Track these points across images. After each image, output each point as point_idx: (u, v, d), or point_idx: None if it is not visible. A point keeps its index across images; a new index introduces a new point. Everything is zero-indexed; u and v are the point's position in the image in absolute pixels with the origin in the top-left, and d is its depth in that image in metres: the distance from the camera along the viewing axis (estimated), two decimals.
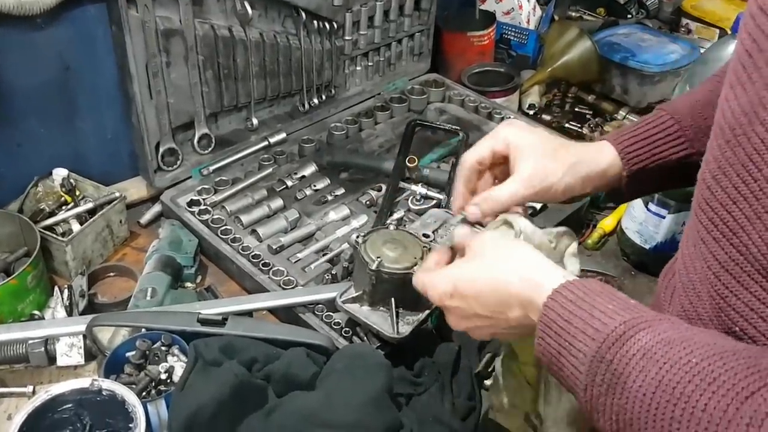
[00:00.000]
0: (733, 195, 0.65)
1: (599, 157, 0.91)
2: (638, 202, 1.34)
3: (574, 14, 2.19)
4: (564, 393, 0.86)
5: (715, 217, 0.68)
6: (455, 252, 0.88)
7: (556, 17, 2.09)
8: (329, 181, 1.49)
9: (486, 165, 0.93)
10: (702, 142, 0.91)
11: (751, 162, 0.63)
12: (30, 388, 1.09)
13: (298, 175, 1.50)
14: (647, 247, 1.36)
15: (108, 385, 0.91)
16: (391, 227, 1.17)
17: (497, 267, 0.76)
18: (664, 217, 1.31)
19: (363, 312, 1.12)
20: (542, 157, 0.88)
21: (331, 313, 1.18)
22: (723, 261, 0.67)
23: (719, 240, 0.67)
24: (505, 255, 0.76)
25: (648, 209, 1.33)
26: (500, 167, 0.94)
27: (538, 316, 0.69)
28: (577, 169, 0.88)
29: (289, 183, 1.48)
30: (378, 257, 1.08)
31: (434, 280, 0.82)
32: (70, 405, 0.92)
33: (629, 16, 2.19)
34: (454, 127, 1.62)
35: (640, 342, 0.60)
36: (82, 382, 0.92)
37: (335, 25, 1.57)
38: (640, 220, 1.35)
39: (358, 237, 1.12)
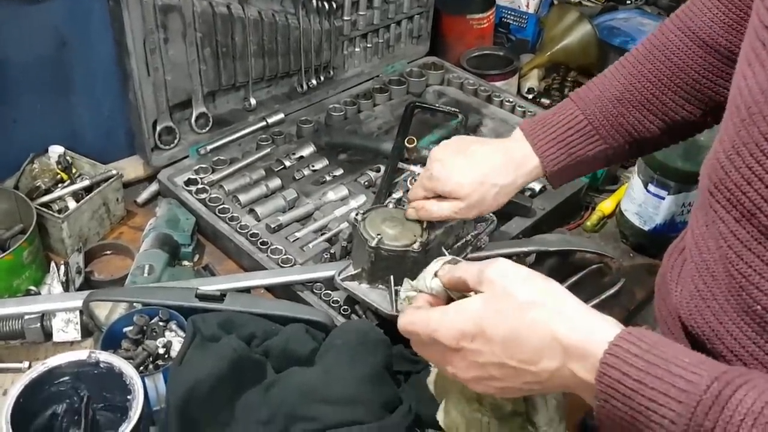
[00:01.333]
0: (747, 175, 0.63)
1: (522, 170, 1.02)
2: (638, 184, 1.34)
3: None
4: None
5: (732, 197, 0.66)
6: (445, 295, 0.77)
7: (556, 1, 2.08)
8: (328, 162, 1.48)
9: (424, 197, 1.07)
10: (614, 138, 0.99)
11: (766, 141, 0.61)
12: (26, 364, 1.08)
13: (297, 156, 1.48)
14: (646, 228, 1.35)
15: (106, 357, 0.91)
16: (390, 206, 1.17)
17: (536, 308, 0.64)
18: (663, 199, 1.31)
19: (362, 289, 1.11)
20: (473, 194, 1.01)
21: (329, 292, 1.17)
22: (745, 240, 0.65)
23: (739, 220, 0.65)
24: (542, 293, 0.66)
25: (647, 191, 1.32)
26: None
27: (594, 373, 0.59)
28: (504, 191, 1.03)
29: (288, 163, 1.47)
30: (378, 234, 1.07)
31: (451, 318, 0.68)
32: (67, 378, 0.91)
33: (628, 1, 2.18)
34: (452, 109, 1.61)
35: (745, 404, 0.52)
36: (79, 354, 0.91)
37: (334, 5, 1.56)
38: (639, 202, 1.35)
39: (357, 215, 1.12)
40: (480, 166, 1.02)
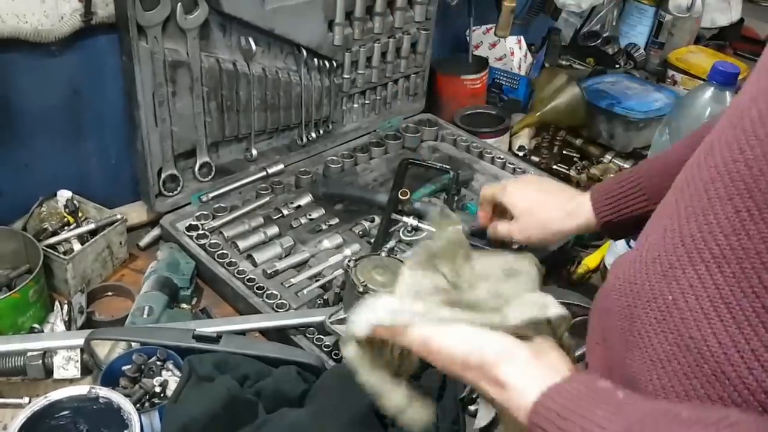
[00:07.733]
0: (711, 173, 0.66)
1: (576, 217, 1.15)
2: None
3: (564, 62, 2.27)
4: None
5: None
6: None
7: (547, 64, 2.17)
8: (324, 211, 1.54)
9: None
10: (662, 196, 0.98)
11: (727, 147, 0.62)
12: (26, 400, 1.11)
13: (294, 205, 1.55)
14: None
15: (105, 392, 0.94)
16: (383, 255, 1.22)
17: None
18: None
19: None
20: (534, 227, 1.19)
21: (321, 336, 1.22)
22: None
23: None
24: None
25: (629, 246, 1.37)
26: None
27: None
28: (555, 224, 1.18)
29: (285, 212, 1.53)
30: (366, 280, 1.12)
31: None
32: (67, 412, 0.94)
33: (617, 66, 2.27)
34: (444, 165, 1.68)
35: None
36: (79, 389, 0.95)
37: (334, 64, 1.64)
38: None
39: (350, 260, 1.17)
40: (543, 206, 1.18)
